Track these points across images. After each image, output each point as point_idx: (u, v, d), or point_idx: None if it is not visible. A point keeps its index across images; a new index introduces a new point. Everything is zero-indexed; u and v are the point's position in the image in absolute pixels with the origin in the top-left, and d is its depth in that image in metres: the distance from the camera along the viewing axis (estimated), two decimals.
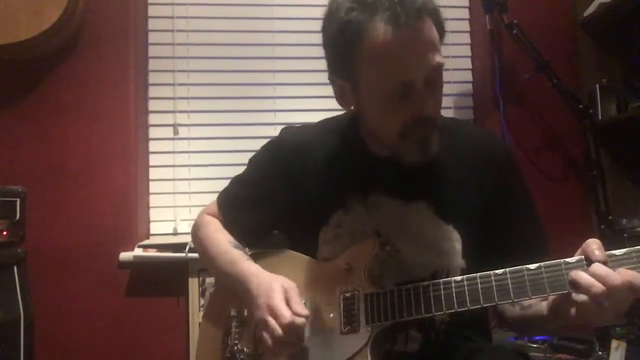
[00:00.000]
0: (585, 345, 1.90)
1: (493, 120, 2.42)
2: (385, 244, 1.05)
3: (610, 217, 2.04)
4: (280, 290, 0.98)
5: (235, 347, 1.08)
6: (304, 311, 0.95)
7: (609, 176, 2.19)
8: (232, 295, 1.12)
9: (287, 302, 0.96)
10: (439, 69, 0.95)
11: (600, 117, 2.31)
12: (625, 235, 2.14)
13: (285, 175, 1.14)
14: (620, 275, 0.79)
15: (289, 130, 1.21)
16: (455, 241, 1.06)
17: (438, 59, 0.94)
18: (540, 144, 2.43)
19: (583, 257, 0.84)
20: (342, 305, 1.00)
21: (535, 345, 1.94)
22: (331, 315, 1.01)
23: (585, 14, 2.41)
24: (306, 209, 1.13)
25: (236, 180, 1.24)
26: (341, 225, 1.10)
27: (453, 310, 0.91)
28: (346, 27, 0.92)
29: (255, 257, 1.14)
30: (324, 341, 1.00)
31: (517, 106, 2.42)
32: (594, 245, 0.83)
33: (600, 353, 1.88)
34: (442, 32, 0.96)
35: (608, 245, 0.84)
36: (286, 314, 0.94)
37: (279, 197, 1.15)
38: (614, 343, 1.84)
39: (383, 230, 1.07)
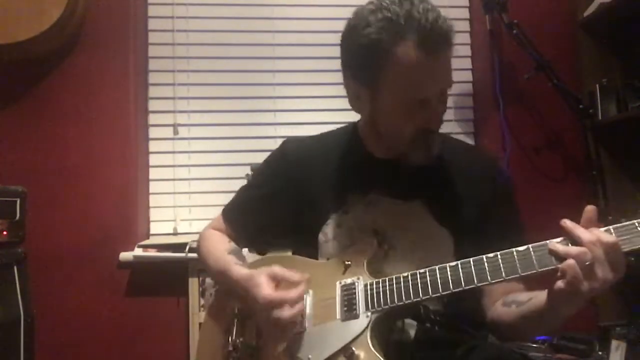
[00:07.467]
0: (585, 345, 1.90)
1: (493, 120, 2.42)
2: (382, 242, 1.10)
3: (610, 217, 2.03)
4: (263, 282, 1.02)
5: (238, 341, 1.11)
6: (296, 279, 1.03)
7: (609, 176, 2.19)
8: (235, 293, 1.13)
9: (278, 285, 1.03)
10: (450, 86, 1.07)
11: (600, 117, 2.31)
12: None
13: (286, 180, 1.20)
14: (590, 232, 0.85)
15: (291, 141, 1.27)
16: (449, 244, 1.11)
17: (450, 79, 1.06)
18: (540, 144, 2.43)
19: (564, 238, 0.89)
20: (341, 294, 1.04)
21: (535, 345, 1.93)
22: (331, 306, 1.04)
23: (585, 14, 2.41)
24: (307, 210, 1.17)
25: (239, 190, 1.30)
26: (341, 225, 1.14)
27: (449, 292, 0.94)
28: (376, 45, 0.99)
29: (259, 262, 1.17)
30: (323, 330, 1.02)
31: (517, 106, 2.42)
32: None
33: (600, 353, 1.88)
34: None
35: None
36: (285, 296, 0.99)
37: (280, 199, 1.20)
38: (614, 343, 1.84)
39: (380, 227, 1.11)
